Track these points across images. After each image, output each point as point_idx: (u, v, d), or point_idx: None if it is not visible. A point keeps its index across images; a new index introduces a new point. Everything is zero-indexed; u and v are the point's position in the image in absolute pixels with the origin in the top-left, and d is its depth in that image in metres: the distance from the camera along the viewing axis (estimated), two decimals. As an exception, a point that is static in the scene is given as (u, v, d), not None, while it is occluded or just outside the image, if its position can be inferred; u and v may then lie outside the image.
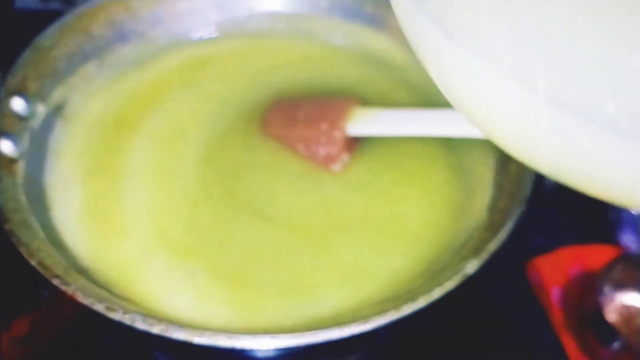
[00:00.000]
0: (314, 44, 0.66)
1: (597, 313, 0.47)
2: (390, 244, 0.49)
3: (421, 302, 0.39)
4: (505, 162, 0.52)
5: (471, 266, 0.41)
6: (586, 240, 0.57)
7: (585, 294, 0.53)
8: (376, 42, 0.66)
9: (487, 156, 0.55)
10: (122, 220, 0.48)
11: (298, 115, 0.55)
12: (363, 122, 0.54)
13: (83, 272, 0.44)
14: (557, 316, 0.54)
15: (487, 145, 0.55)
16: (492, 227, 0.46)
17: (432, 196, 0.53)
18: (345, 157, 0.54)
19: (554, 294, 0.54)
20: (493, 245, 0.42)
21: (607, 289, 0.48)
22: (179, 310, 0.43)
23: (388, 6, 0.25)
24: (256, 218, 0.50)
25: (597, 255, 0.55)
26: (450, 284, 0.40)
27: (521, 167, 0.50)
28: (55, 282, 0.38)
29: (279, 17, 0.65)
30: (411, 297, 0.39)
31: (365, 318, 0.38)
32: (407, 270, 0.47)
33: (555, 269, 0.56)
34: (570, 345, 0.52)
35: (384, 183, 0.54)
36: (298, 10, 0.65)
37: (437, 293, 0.39)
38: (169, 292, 0.44)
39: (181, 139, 0.55)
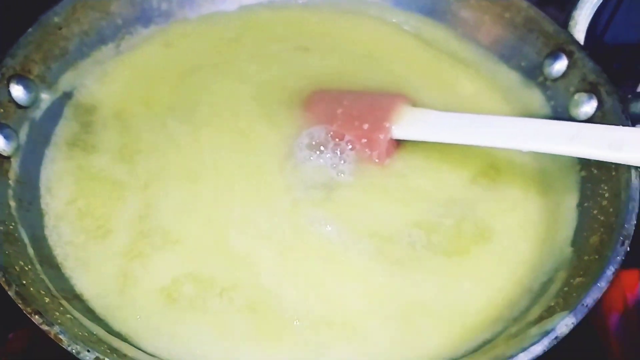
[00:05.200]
0: (361, 22, 0.57)
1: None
2: (451, 272, 0.40)
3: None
4: (594, 183, 0.43)
5: (565, 325, 0.32)
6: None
7: (649, 323, 0.46)
8: (434, 30, 0.56)
9: (569, 173, 0.45)
10: (133, 233, 0.40)
11: (338, 111, 0.46)
12: (412, 125, 0.45)
13: (77, 298, 0.36)
14: (615, 347, 0.48)
15: (571, 161, 0.45)
16: (583, 269, 0.37)
17: (504, 214, 0.44)
18: (388, 160, 0.46)
19: (613, 321, 0.49)
20: (591, 299, 0.33)
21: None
22: (190, 348, 0.35)
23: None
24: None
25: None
26: (537, 349, 0.31)
27: (617, 193, 0.40)
28: (36, 319, 0.30)
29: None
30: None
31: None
32: (475, 312, 0.38)
33: (614, 294, 0.50)
34: (630, 380, 0.46)
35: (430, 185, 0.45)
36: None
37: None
38: (178, 326, 0.36)
39: (221, 127, 0.47)
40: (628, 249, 0.36)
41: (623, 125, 0.43)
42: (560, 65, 0.49)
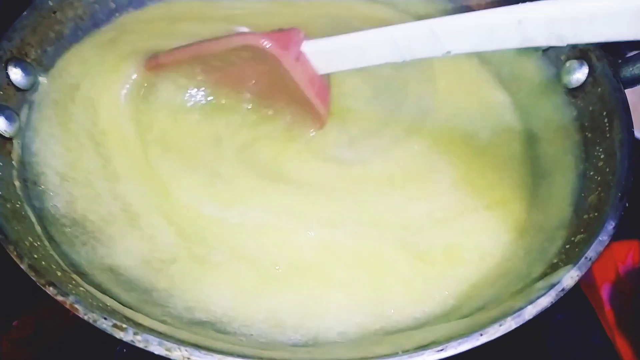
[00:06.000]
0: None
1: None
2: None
3: (510, 324, 0.30)
4: (588, 146, 0.44)
5: (570, 277, 0.32)
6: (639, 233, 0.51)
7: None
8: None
9: (562, 138, 0.46)
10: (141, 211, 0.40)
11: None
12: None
13: (86, 274, 0.36)
14: (609, 316, 0.50)
15: (565, 127, 0.46)
16: (583, 226, 0.38)
17: (500, 182, 0.44)
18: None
19: (605, 291, 0.51)
20: (594, 252, 0.34)
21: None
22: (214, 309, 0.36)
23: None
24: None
25: (651, 250, 0.50)
26: (544, 301, 0.31)
27: (612, 153, 0.41)
28: (50, 291, 0.30)
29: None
30: (496, 316, 0.31)
31: (438, 343, 0.29)
32: (477, 272, 0.39)
33: (606, 265, 0.52)
34: (623, 347, 0.48)
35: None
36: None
37: (529, 312, 0.31)
38: (200, 289, 0.37)
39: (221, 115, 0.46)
40: (627, 204, 0.36)
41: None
42: (551, 35, 0.50)
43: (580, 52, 0.47)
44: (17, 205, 0.36)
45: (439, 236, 0.40)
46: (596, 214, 0.38)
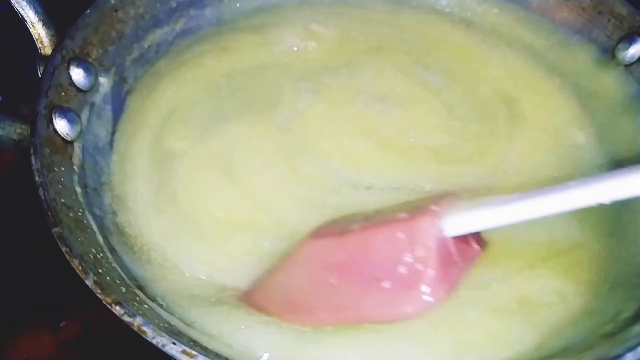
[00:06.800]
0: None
1: None
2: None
3: None
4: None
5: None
6: None
7: None
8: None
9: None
10: (199, 219, 0.39)
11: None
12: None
13: (143, 288, 0.35)
14: None
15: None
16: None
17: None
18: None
19: None
20: None
21: None
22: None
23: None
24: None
25: None
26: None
27: None
28: (117, 310, 0.28)
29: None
30: None
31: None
32: (558, 313, 0.36)
33: None
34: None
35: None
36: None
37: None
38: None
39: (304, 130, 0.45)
40: None
41: None
42: (635, 50, 0.47)
43: (671, 70, 0.44)
44: (79, 214, 0.35)
45: (516, 284, 0.37)
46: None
